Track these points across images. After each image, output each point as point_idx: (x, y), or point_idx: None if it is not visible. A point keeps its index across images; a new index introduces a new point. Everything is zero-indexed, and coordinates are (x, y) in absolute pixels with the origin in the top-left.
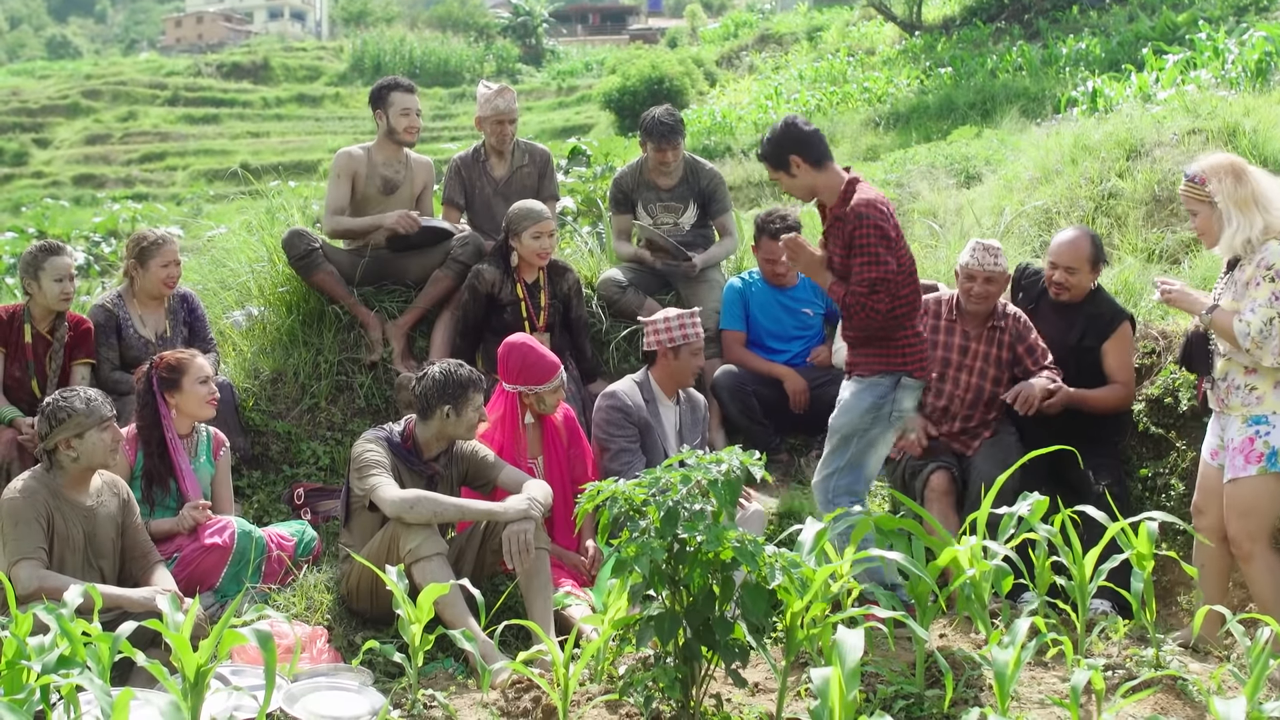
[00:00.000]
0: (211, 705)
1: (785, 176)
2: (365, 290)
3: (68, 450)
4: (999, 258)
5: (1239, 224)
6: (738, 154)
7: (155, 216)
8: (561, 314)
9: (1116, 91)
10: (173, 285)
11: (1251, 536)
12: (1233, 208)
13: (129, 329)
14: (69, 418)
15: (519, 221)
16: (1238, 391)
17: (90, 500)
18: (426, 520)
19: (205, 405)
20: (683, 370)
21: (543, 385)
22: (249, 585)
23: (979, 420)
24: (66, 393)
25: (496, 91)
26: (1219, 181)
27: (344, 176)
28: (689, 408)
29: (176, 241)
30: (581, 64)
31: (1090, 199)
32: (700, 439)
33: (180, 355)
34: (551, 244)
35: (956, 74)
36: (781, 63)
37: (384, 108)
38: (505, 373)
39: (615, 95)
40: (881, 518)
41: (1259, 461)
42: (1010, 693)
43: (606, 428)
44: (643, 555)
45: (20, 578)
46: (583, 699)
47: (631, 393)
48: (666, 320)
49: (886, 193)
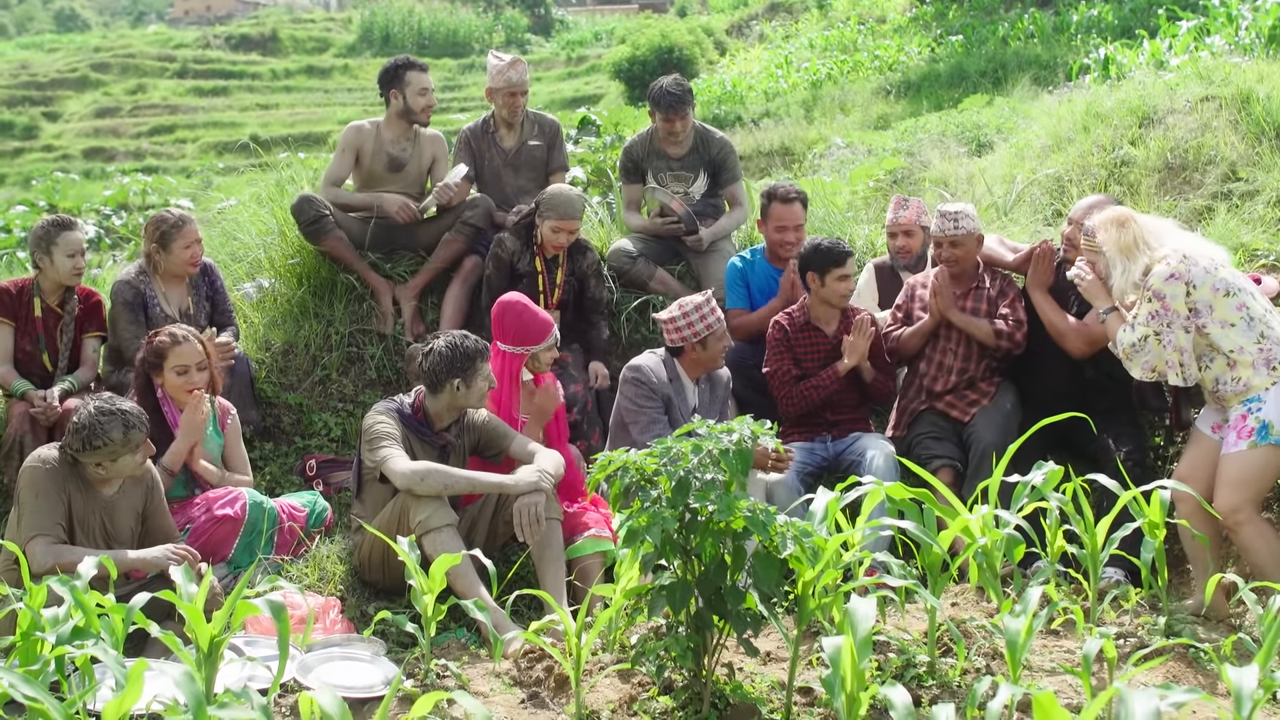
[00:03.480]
0: (225, 676)
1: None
2: (375, 256)
3: (98, 469)
4: (960, 221)
5: (1123, 268)
6: (748, 123)
7: (165, 189)
8: (577, 292)
9: (1129, 58)
10: (197, 264)
11: (1237, 508)
12: (1117, 254)
13: (155, 307)
14: (104, 446)
15: (549, 209)
16: (1228, 385)
17: (111, 490)
18: (437, 493)
19: (181, 393)
20: (712, 357)
21: (539, 345)
22: (262, 556)
23: (974, 373)
24: (105, 417)
25: (509, 63)
26: (1105, 233)
27: (349, 151)
28: (709, 386)
29: (195, 220)
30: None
31: (1103, 167)
32: (719, 416)
33: (163, 340)
34: (569, 240)
35: (968, 41)
36: (792, 31)
37: (400, 87)
38: (501, 334)
39: (625, 65)
40: (893, 486)
41: (1249, 436)
42: (1022, 661)
43: (635, 399)
44: (654, 525)
45: (36, 554)
46: (595, 668)
47: (656, 368)
48: (686, 315)
49: (897, 162)
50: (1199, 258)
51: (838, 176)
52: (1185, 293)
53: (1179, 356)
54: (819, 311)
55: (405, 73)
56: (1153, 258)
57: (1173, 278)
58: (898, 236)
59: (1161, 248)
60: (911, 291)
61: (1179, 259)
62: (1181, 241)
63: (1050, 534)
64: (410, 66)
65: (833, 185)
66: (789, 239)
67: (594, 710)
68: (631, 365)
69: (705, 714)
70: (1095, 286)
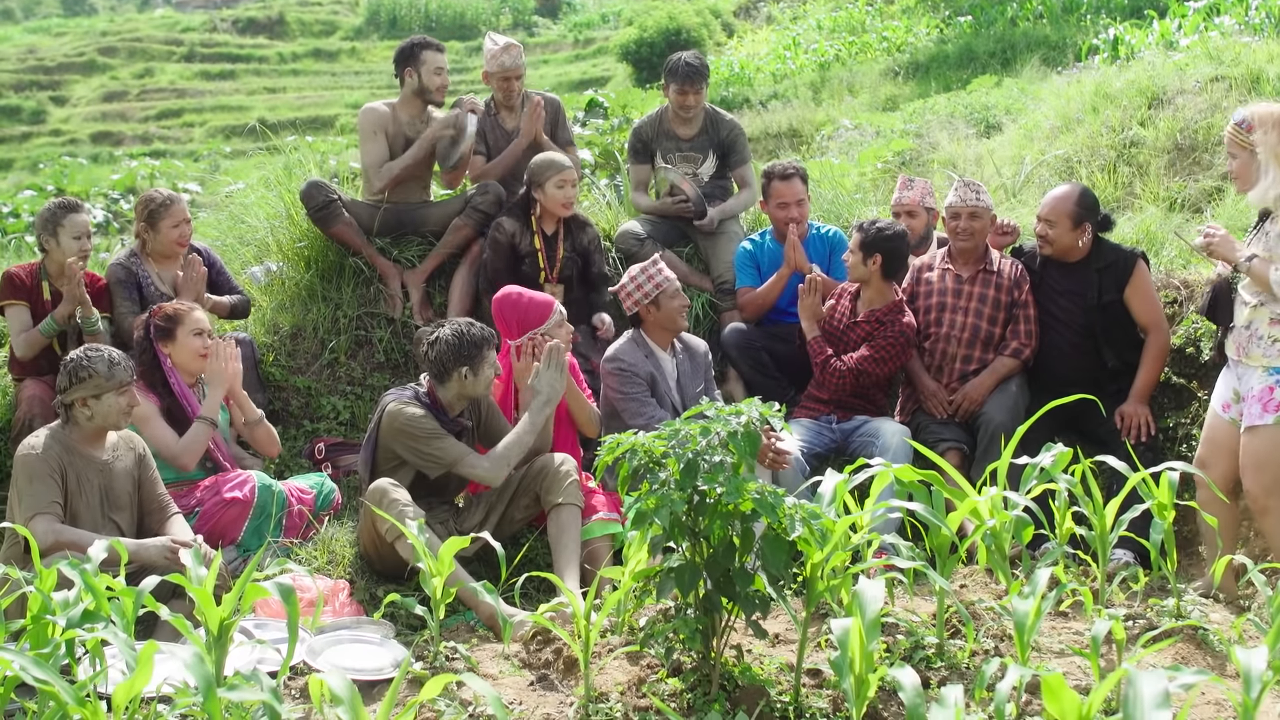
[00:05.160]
0: (235, 659)
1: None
2: (384, 241)
3: (83, 408)
4: (980, 194)
5: (1275, 177)
6: (756, 105)
7: (173, 173)
8: (580, 268)
9: (1138, 39)
10: (185, 243)
11: (1267, 490)
12: (1272, 161)
13: (149, 285)
14: (89, 378)
15: (542, 172)
16: (1260, 342)
17: (106, 455)
18: (512, 466)
19: (197, 358)
20: (670, 316)
21: (546, 324)
22: (270, 539)
23: (978, 362)
24: (92, 351)
25: (502, 48)
26: (1264, 132)
27: (378, 133)
28: (687, 356)
29: (184, 199)
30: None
31: (1112, 148)
32: (704, 384)
33: (178, 306)
34: (574, 193)
35: (976, 22)
36: (800, 12)
37: (415, 65)
38: (505, 328)
39: (632, 47)
40: (902, 468)
41: (1276, 411)
42: (1030, 643)
43: (620, 387)
44: (663, 507)
45: (37, 532)
46: (604, 650)
47: (630, 350)
48: (634, 279)
49: (905, 144)
50: None
51: (846, 158)
52: None
53: None
54: (778, 217)
55: (421, 52)
56: None
57: None
58: (902, 216)
59: None
60: (917, 274)
61: None
62: None
63: (1059, 516)
64: (426, 46)
65: (841, 167)
66: (792, 214)
67: (603, 692)
68: (607, 356)
69: (714, 696)
70: (1226, 243)
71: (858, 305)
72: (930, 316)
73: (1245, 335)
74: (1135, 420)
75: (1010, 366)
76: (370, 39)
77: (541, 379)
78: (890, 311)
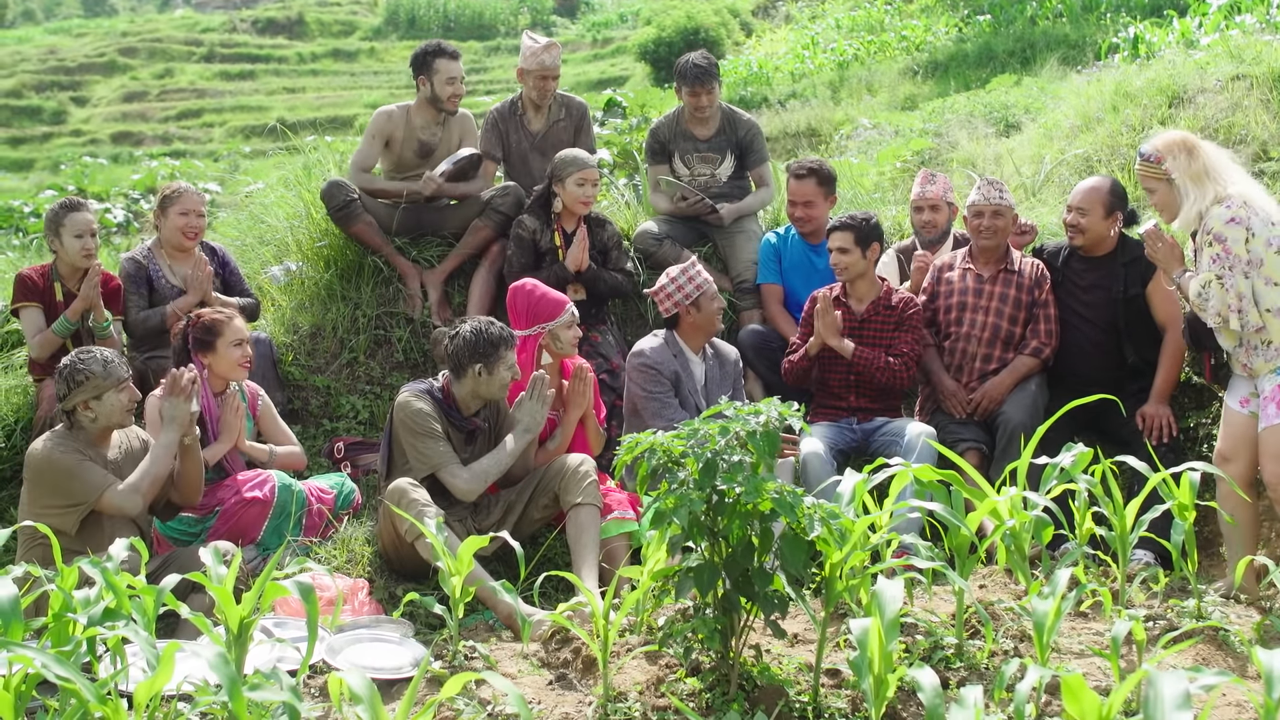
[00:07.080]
0: (255, 657)
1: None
2: (403, 241)
3: (86, 411)
4: (1004, 192)
5: (1194, 197)
6: (774, 104)
7: (193, 173)
8: (601, 266)
9: (1159, 37)
10: (192, 236)
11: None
12: (1189, 182)
13: (160, 279)
14: (87, 380)
15: (563, 168)
16: (1256, 352)
17: (113, 453)
18: (486, 485)
19: (238, 368)
20: (709, 318)
21: (555, 320)
22: (290, 538)
23: (999, 362)
24: (83, 354)
25: (544, 46)
26: (1174, 158)
27: (378, 137)
28: (717, 362)
29: (196, 193)
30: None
31: (1132, 147)
32: (732, 392)
33: (217, 316)
34: (594, 192)
35: (995, 21)
36: (818, 11)
37: (429, 74)
38: (515, 318)
39: (650, 46)
40: (921, 468)
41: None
42: (1050, 644)
43: (644, 385)
44: (682, 507)
45: (117, 502)
46: (622, 650)
47: (659, 349)
48: (674, 280)
49: (924, 143)
50: (1258, 207)
51: (865, 158)
52: (1245, 238)
53: (1239, 303)
54: (790, 214)
55: (435, 60)
56: (1220, 192)
57: (1233, 222)
58: (923, 211)
59: (1230, 185)
60: (938, 274)
61: (1239, 204)
62: (1245, 186)
63: (1079, 516)
64: (440, 54)
65: (860, 166)
66: (797, 214)
67: (621, 691)
68: (635, 351)
69: (732, 695)
70: (1169, 253)
71: (851, 305)
72: (951, 316)
73: (1241, 353)
74: (1157, 421)
75: (1030, 366)
76: (389, 39)
77: (524, 408)
78: (889, 295)
